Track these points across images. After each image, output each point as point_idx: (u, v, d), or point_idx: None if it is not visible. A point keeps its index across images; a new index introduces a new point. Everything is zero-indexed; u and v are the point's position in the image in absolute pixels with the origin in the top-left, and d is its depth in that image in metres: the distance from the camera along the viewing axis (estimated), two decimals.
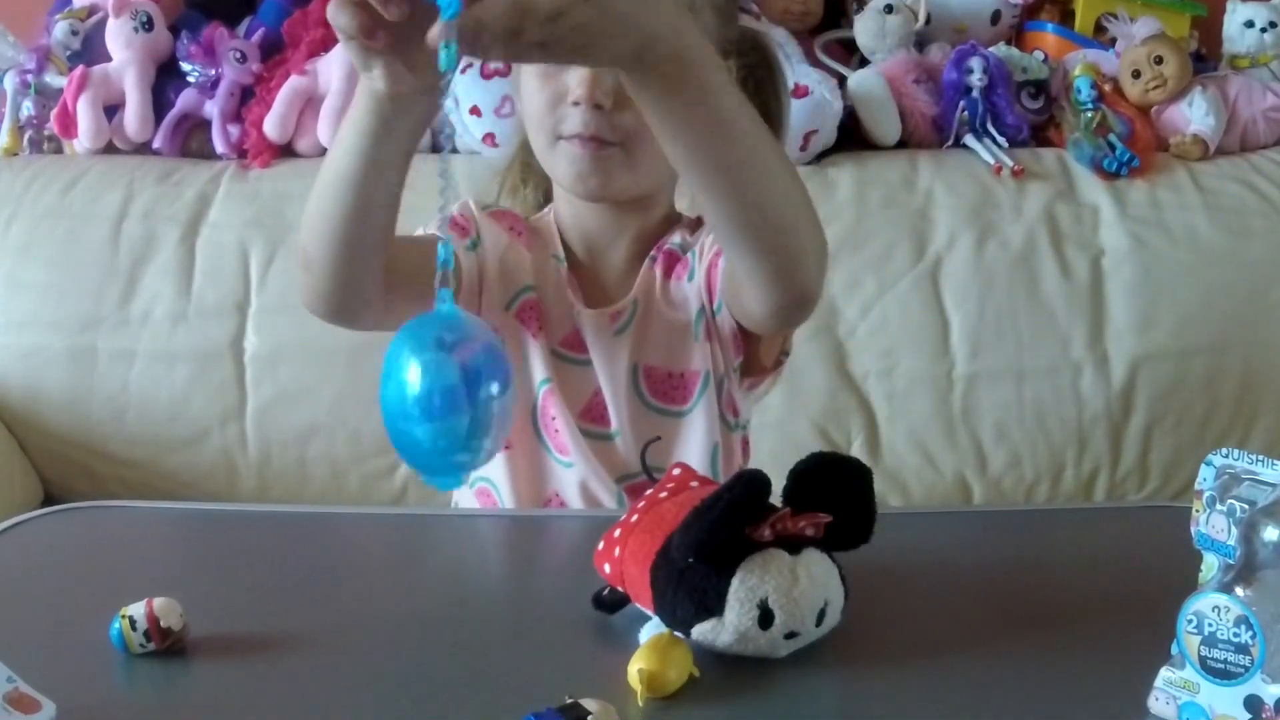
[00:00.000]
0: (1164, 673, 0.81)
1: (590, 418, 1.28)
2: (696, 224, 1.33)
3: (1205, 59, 2.21)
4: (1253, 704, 0.77)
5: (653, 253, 1.31)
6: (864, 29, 2.12)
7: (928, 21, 2.16)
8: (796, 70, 2.00)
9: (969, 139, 2.06)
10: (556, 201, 1.33)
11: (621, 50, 0.86)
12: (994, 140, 2.05)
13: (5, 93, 2.12)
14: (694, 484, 0.96)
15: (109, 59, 2.09)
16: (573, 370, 1.28)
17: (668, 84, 0.90)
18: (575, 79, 1.19)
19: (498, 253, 1.30)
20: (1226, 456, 0.81)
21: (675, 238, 1.32)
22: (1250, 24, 2.13)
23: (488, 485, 1.30)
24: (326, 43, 2.07)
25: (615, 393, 1.28)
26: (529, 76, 1.24)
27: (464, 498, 1.33)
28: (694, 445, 1.28)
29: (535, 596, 1.04)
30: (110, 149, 2.09)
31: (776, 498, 0.88)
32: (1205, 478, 0.81)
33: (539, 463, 1.29)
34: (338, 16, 0.91)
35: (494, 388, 0.78)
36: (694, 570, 0.85)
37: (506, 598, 1.03)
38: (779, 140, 1.30)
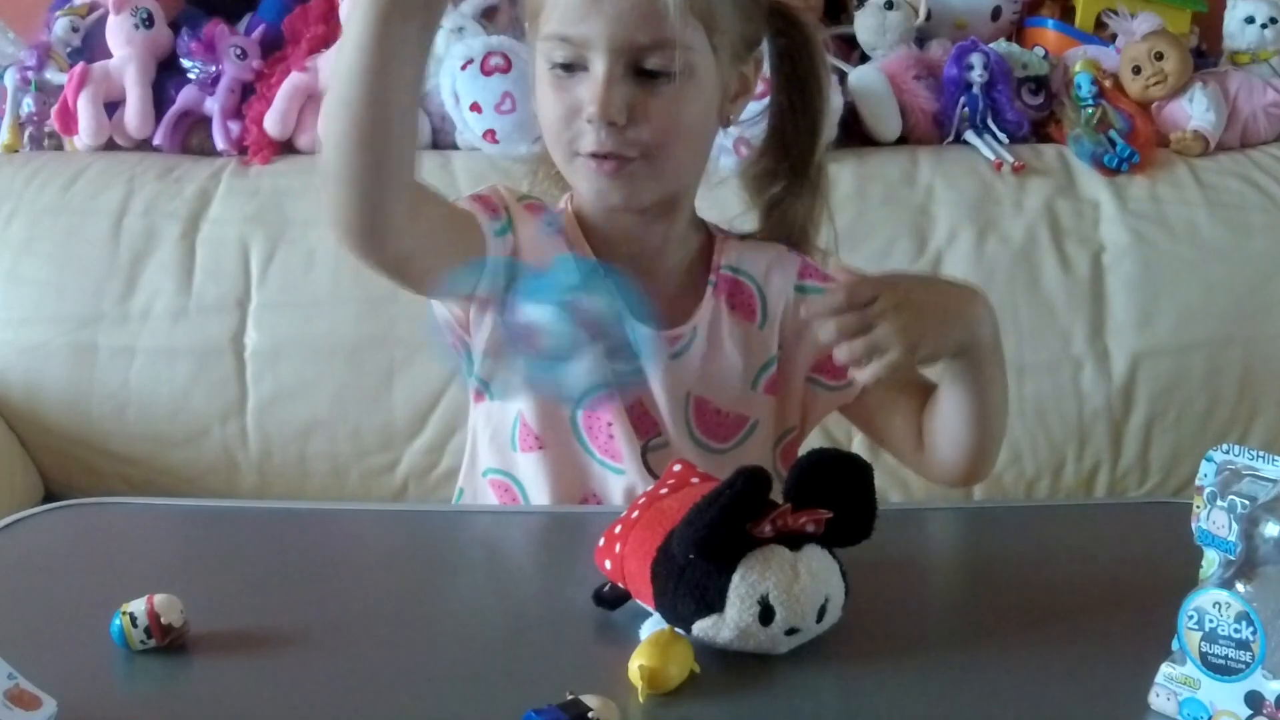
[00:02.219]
0: (1165, 668, 0.81)
1: (633, 427, 1.26)
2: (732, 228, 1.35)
3: (1206, 55, 2.20)
4: (1253, 700, 0.77)
5: (712, 277, 1.30)
6: (864, 25, 2.11)
7: (928, 18, 2.15)
8: None
9: (969, 135, 2.05)
10: (579, 198, 1.29)
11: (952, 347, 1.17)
12: (994, 136, 2.05)
13: (6, 89, 2.11)
14: (695, 480, 0.96)
15: (109, 55, 2.08)
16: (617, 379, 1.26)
17: (973, 368, 1.19)
18: (588, 94, 1.16)
19: (536, 246, 1.24)
20: (1227, 452, 0.81)
21: (730, 257, 1.31)
22: (1251, 20, 2.12)
23: (510, 482, 1.28)
24: (327, 39, 2.06)
25: (673, 413, 1.27)
26: (542, 86, 1.21)
27: (484, 492, 1.30)
28: None
29: (536, 593, 1.05)
30: (111, 145, 2.09)
31: (777, 494, 0.88)
32: (1206, 473, 0.81)
33: (578, 464, 1.26)
34: None
35: None
36: (695, 566, 0.85)
37: (507, 594, 1.03)
38: (826, 123, 1.35)
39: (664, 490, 0.95)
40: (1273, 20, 2.11)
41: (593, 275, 1.20)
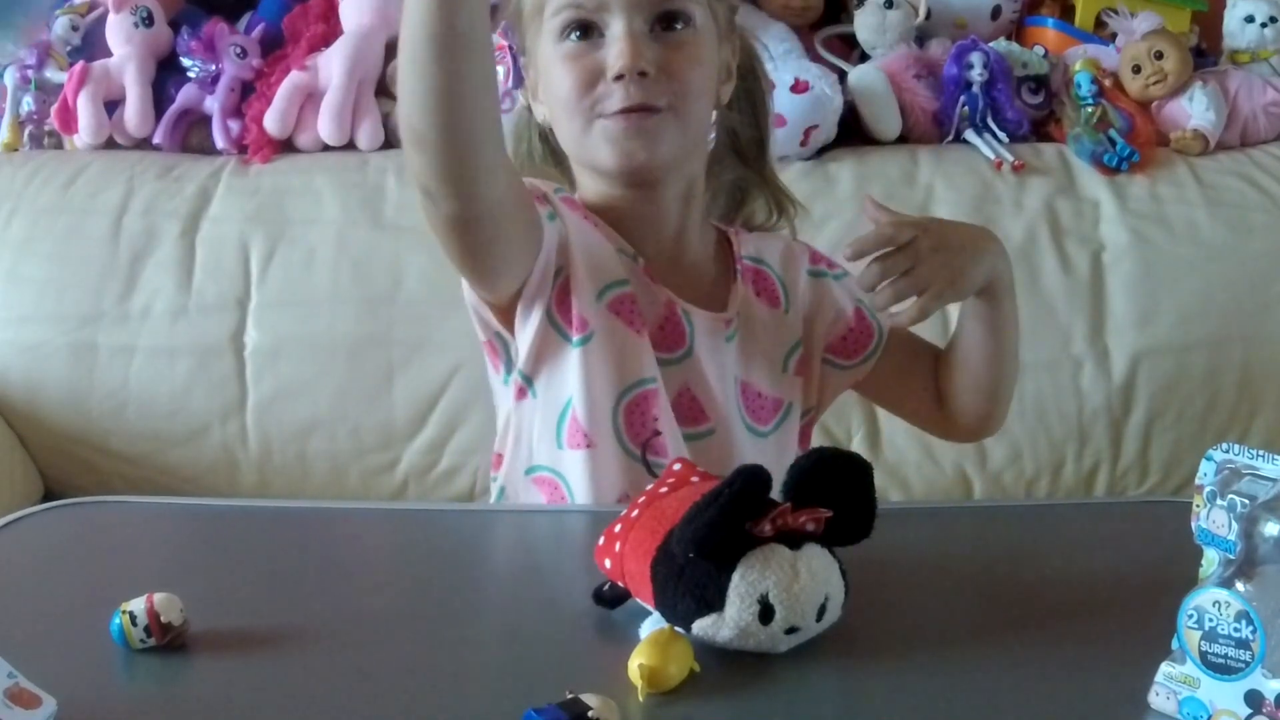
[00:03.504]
0: (1164, 668, 0.81)
1: (676, 416, 1.26)
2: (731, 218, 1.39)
3: (1206, 54, 2.20)
4: (1253, 699, 0.77)
5: (737, 267, 1.33)
6: (864, 24, 2.11)
7: (928, 17, 2.15)
8: (796, 65, 2.00)
9: (969, 134, 2.05)
10: (591, 201, 1.30)
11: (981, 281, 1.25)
12: (994, 135, 2.05)
13: (6, 88, 2.12)
14: (695, 479, 0.96)
15: (109, 54, 2.08)
16: (662, 369, 1.26)
17: (995, 303, 1.28)
18: (613, 53, 1.19)
19: (582, 237, 1.25)
20: (1227, 451, 0.81)
21: (748, 248, 1.34)
22: (1250, 19, 2.12)
23: (558, 480, 1.27)
24: (327, 38, 2.07)
25: (725, 398, 1.28)
26: (553, 65, 1.22)
27: (528, 491, 1.29)
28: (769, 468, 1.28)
29: (536, 592, 1.04)
30: (110, 144, 2.09)
31: (777, 493, 0.88)
32: (1206, 472, 0.81)
33: (620, 463, 1.25)
34: None
35: None
36: (694, 565, 0.85)
37: (507, 593, 1.03)
38: (770, 126, 1.40)
39: (664, 489, 0.95)
40: (1272, 19, 2.11)
41: None
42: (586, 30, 1.21)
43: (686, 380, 1.27)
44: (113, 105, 2.07)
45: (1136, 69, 2.06)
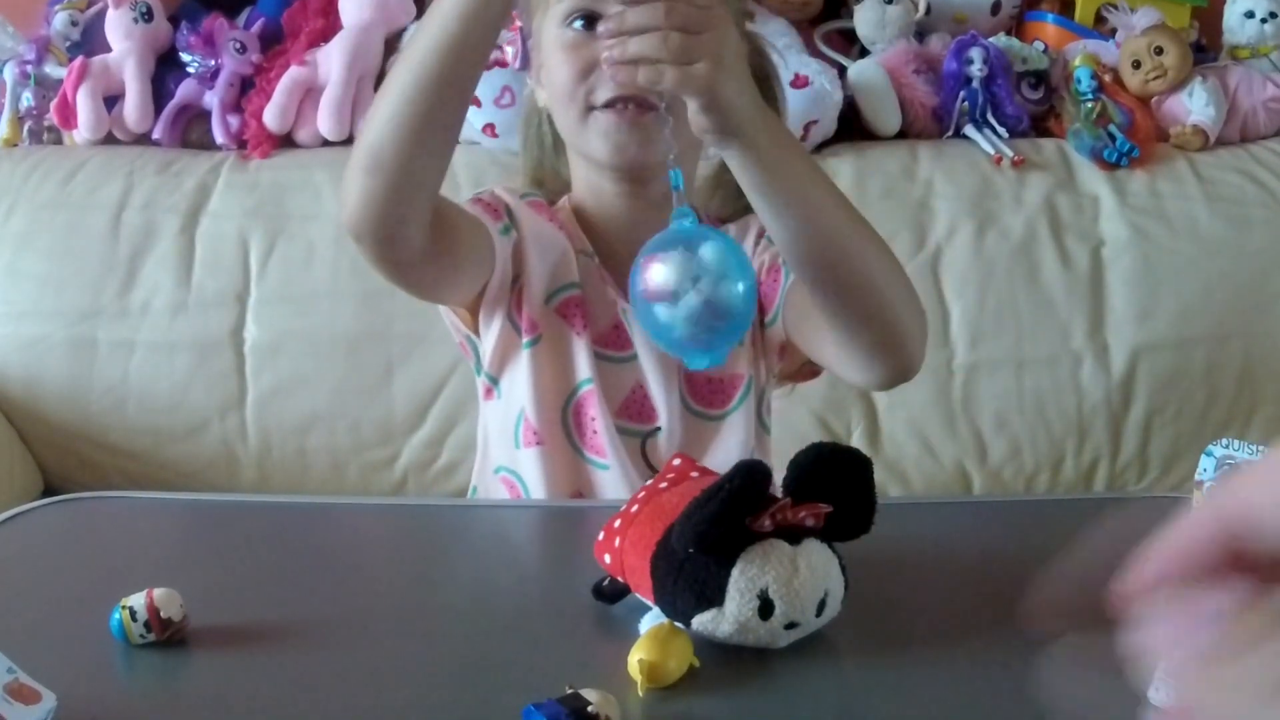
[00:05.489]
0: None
1: (628, 414, 1.28)
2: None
3: (1205, 49, 2.20)
4: None
5: None
6: (864, 19, 2.11)
7: (928, 12, 2.15)
8: (796, 61, 2.00)
9: (969, 129, 2.05)
10: (579, 192, 1.31)
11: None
12: (994, 130, 2.05)
13: (5, 83, 2.11)
14: (694, 474, 0.96)
15: (109, 49, 2.08)
16: (610, 367, 1.27)
17: (750, 155, 1.01)
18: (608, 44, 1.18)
19: (539, 242, 1.26)
20: (1226, 447, 0.81)
21: None
22: (1250, 14, 2.12)
23: (515, 479, 1.29)
24: (326, 33, 2.07)
25: (667, 391, 1.28)
26: (553, 51, 1.22)
27: (496, 489, 1.31)
28: (730, 447, 1.28)
29: (535, 587, 1.04)
30: (110, 139, 2.09)
31: (777, 488, 0.88)
32: (1205, 468, 0.81)
33: (570, 461, 1.27)
34: None
35: None
36: (694, 561, 0.85)
37: (506, 588, 1.03)
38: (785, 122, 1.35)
39: (663, 484, 0.95)
40: (1272, 15, 2.11)
41: None
42: (590, 20, 1.20)
43: (638, 378, 1.29)
44: (112, 100, 2.07)
45: (1136, 64, 2.06)
